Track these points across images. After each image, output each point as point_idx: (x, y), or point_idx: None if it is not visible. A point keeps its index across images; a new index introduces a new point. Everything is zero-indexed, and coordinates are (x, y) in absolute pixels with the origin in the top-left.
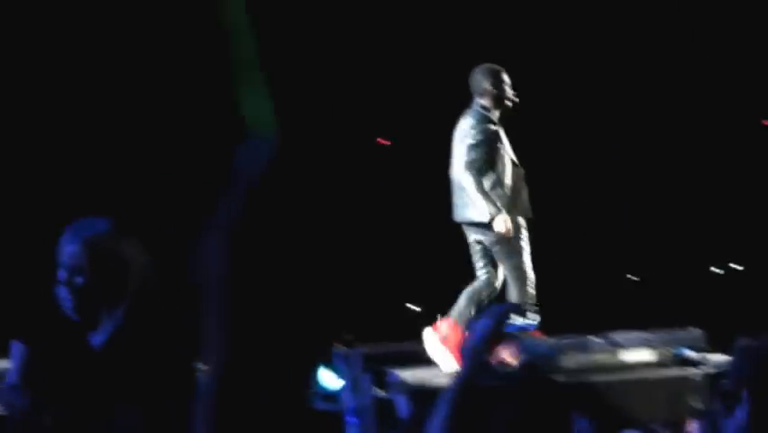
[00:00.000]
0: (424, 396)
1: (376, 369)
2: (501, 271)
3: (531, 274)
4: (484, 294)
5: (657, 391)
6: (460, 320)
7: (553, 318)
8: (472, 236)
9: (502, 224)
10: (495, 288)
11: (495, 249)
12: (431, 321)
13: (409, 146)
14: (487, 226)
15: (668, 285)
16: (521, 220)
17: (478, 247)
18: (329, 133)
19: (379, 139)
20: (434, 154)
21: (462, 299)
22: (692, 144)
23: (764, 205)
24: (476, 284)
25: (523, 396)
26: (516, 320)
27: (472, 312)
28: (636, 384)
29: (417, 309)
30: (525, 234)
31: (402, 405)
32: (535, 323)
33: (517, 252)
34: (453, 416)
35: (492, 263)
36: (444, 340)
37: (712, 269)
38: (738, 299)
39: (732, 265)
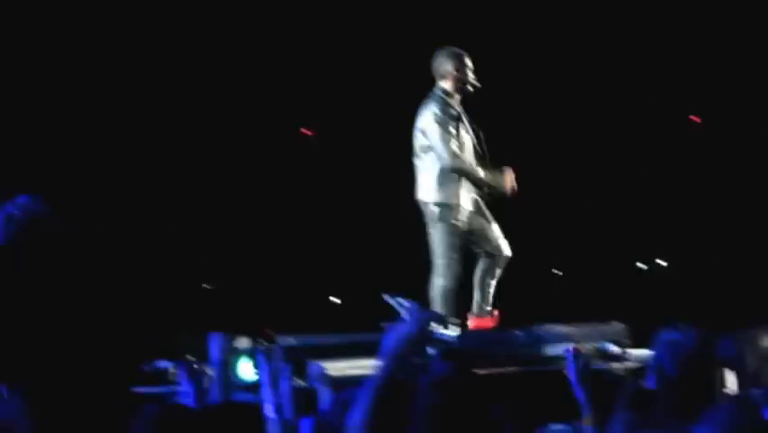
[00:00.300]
0: (344, 387)
1: (297, 360)
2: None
3: (453, 269)
4: (492, 270)
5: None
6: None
7: None
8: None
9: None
10: (495, 257)
11: (430, 231)
12: (351, 313)
13: (332, 138)
14: (428, 208)
15: (591, 280)
16: (465, 211)
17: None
18: (251, 125)
19: (302, 130)
20: (357, 147)
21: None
22: (615, 139)
23: (691, 200)
24: (477, 270)
25: (444, 389)
26: (438, 330)
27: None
28: (558, 378)
29: (338, 301)
30: (467, 224)
31: (323, 396)
32: (455, 336)
33: (450, 243)
34: (374, 410)
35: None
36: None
37: (638, 264)
38: (662, 295)
39: (657, 261)
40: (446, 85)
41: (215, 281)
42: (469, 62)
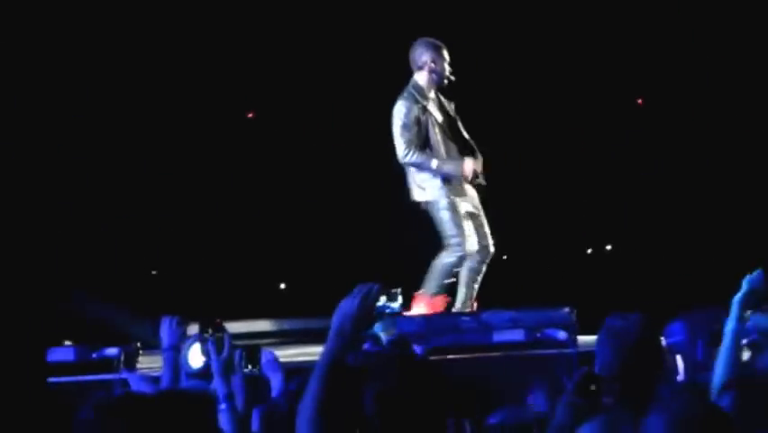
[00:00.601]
0: (295, 374)
1: (248, 348)
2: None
3: (459, 248)
4: (479, 267)
5: (526, 371)
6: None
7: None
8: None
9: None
10: (476, 253)
11: (437, 219)
12: (299, 299)
13: (278, 123)
14: (430, 205)
15: (538, 265)
16: (457, 200)
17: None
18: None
19: (249, 114)
20: (301, 131)
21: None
22: (561, 125)
23: (640, 185)
24: (464, 268)
25: (392, 373)
26: (384, 301)
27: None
28: (506, 363)
29: (284, 287)
30: (463, 210)
31: (274, 383)
32: (401, 307)
33: (456, 226)
34: (323, 393)
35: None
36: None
37: (586, 250)
38: (610, 280)
39: (606, 247)
40: (421, 77)
41: (163, 268)
42: (446, 55)
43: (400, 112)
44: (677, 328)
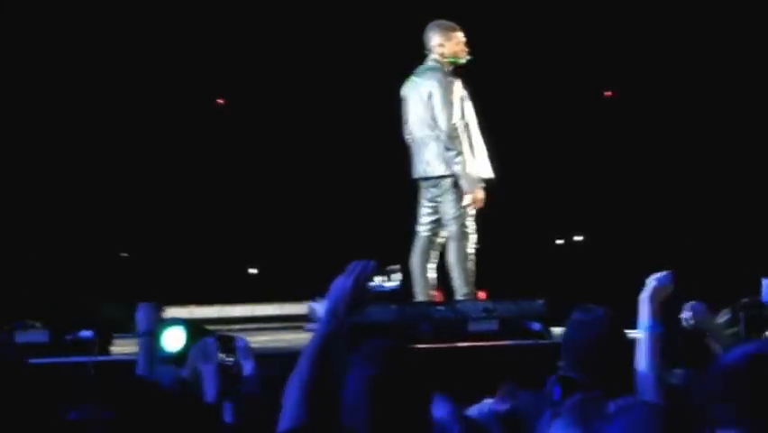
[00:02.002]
0: (270, 360)
1: (221, 336)
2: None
3: (472, 231)
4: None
5: (500, 361)
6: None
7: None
8: (428, 193)
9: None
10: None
11: (445, 206)
12: (269, 285)
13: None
14: (442, 183)
15: (513, 256)
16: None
17: (429, 205)
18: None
19: (218, 100)
20: (272, 115)
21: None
22: (532, 116)
23: (612, 175)
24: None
25: (377, 361)
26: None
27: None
28: (479, 353)
29: (256, 272)
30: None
31: (246, 369)
32: (398, 284)
33: (464, 213)
34: (312, 376)
35: (438, 223)
36: None
37: (557, 241)
38: (583, 271)
39: (576, 238)
40: (438, 57)
41: (134, 251)
42: (461, 36)
43: (442, 86)
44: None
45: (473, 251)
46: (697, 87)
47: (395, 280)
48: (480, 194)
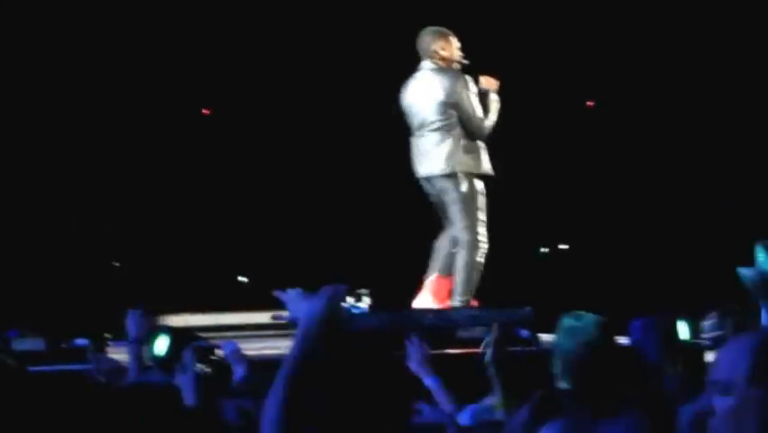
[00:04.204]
0: (257, 366)
1: (198, 348)
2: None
3: (484, 239)
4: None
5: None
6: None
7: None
8: (436, 189)
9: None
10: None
11: (453, 207)
12: (258, 293)
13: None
14: (450, 180)
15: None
16: (478, 183)
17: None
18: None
19: (204, 110)
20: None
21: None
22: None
23: (596, 184)
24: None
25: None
26: (350, 303)
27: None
28: (468, 360)
29: (246, 281)
30: (482, 199)
31: (237, 373)
32: (367, 307)
33: (473, 213)
34: (287, 397)
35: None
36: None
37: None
38: (570, 279)
39: (561, 246)
40: (438, 61)
41: (126, 259)
42: (455, 41)
43: (466, 89)
44: (636, 328)
45: (482, 260)
46: (680, 96)
47: (364, 303)
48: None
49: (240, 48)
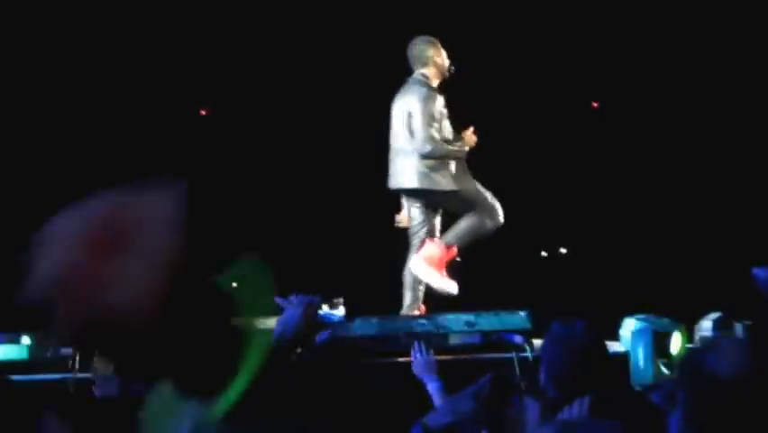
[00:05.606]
0: None
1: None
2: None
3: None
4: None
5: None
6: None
7: (384, 300)
8: (414, 204)
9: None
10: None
11: (448, 204)
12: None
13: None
14: (431, 193)
15: (495, 268)
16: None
17: (417, 213)
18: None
19: (201, 111)
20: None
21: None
22: (518, 128)
23: (594, 187)
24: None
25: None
26: (326, 311)
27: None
28: (461, 366)
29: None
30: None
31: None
32: (342, 315)
33: (474, 196)
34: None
35: (430, 233)
36: (430, 260)
37: (542, 253)
38: (566, 283)
39: (560, 250)
40: (426, 71)
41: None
42: (443, 51)
43: (424, 104)
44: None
45: (489, 230)
46: (683, 100)
47: (339, 311)
48: (470, 139)
49: (239, 48)
